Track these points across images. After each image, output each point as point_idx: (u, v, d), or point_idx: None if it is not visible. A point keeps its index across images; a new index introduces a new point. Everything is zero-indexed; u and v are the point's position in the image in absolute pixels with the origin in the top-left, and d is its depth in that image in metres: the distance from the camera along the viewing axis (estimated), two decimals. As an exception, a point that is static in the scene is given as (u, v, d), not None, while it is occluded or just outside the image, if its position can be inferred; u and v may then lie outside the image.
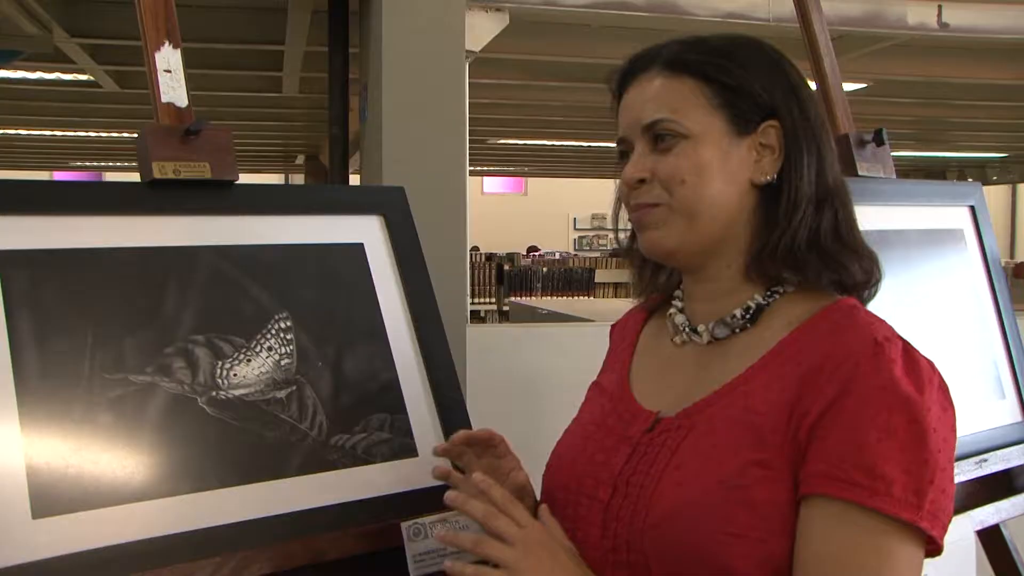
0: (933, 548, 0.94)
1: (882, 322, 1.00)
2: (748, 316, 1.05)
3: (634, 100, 1.07)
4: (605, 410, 1.13)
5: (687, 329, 1.10)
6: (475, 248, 11.16)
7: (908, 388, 0.93)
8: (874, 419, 0.92)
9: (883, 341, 0.95)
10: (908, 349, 0.97)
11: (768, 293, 1.05)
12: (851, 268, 1.04)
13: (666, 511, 0.97)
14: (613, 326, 1.26)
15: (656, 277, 1.17)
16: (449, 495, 1.05)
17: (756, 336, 1.04)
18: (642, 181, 1.05)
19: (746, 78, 1.04)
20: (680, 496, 0.97)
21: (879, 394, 0.92)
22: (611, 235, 1.19)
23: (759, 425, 0.97)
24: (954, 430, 0.97)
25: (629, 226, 1.13)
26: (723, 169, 1.03)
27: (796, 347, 1.00)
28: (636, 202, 1.06)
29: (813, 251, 1.03)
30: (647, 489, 1.00)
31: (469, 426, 1.35)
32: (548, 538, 1.02)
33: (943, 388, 0.97)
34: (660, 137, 1.04)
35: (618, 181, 1.09)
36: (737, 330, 1.06)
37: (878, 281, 1.08)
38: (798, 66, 1.09)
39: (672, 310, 1.14)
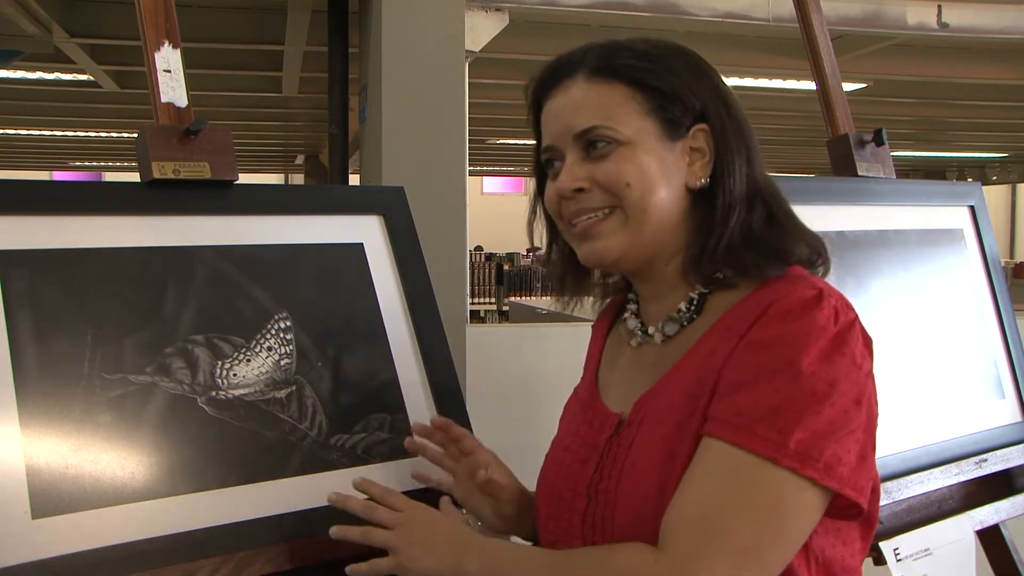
0: (855, 511, 0.94)
1: (826, 283, 0.99)
2: (693, 307, 1.05)
3: (561, 108, 1.05)
4: (579, 419, 1.14)
5: (640, 332, 1.10)
6: (478, 247, 11.12)
7: (816, 335, 0.92)
8: (760, 359, 0.93)
9: (816, 293, 0.95)
10: (841, 307, 0.96)
11: (709, 283, 1.05)
12: (796, 249, 1.03)
13: (629, 519, 0.98)
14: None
15: (579, 283, 1.16)
16: (330, 496, 1.15)
17: (703, 322, 1.04)
18: (579, 190, 1.04)
19: (675, 82, 1.03)
20: (637, 505, 0.98)
21: (780, 337, 0.93)
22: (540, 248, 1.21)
23: (697, 395, 0.97)
24: (858, 386, 0.94)
25: (546, 237, 1.15)
26: (662, 174, 1.03)
27: (737, 315, 1.00)
28: (579, 208, 1.04)
29: (749, 247, 1.02)
30: (610, 495, 1.01)
31: (469, 426, 1.35)
32: (425, 514, 1.08)
33: (867, 344, 0.97)
34: (593, 144, 1.03)
35: (530, 192, 1.10)
36: (685, 323, 1.06)
37: (825, 258, 1.06)
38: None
39: (626, 314, 1.13)
